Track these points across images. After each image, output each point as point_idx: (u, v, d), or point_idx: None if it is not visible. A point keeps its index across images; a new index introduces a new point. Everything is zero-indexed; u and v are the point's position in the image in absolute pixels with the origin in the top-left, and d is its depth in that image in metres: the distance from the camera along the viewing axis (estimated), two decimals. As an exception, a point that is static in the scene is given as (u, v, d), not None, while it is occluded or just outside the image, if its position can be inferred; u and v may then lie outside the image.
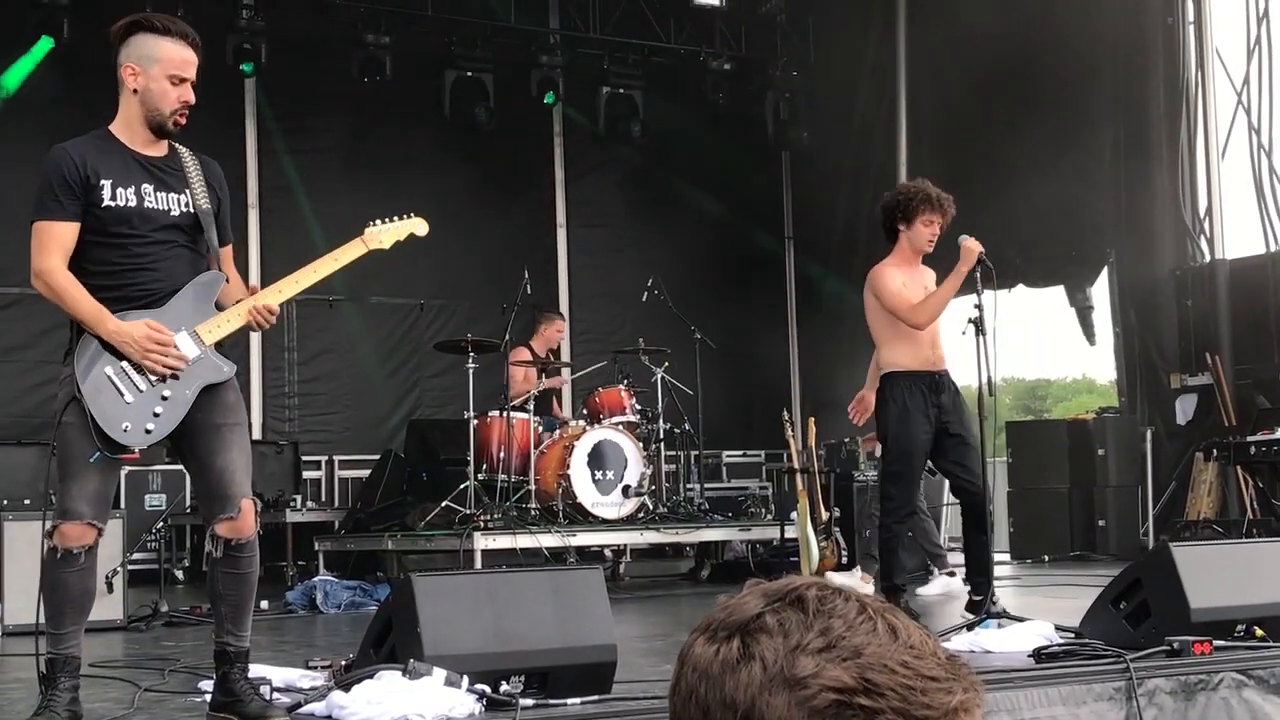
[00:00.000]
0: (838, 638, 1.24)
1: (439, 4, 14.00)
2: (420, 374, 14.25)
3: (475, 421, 10.49)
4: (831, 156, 15.46)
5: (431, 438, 12.03)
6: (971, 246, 6.93)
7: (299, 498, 11.92)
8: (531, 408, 10.65)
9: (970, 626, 6.32)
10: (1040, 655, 5.42)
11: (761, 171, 16.23)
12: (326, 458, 13.78)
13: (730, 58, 15.33)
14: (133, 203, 4.64)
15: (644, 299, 11.88)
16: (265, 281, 13.87)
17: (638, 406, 10.99)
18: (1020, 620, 6.26)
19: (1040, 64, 13.05)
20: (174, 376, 4.61)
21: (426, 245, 15.44)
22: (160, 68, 4.66)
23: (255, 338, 13.57)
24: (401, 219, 5.44)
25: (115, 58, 4.71)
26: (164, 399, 4.60)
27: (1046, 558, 12.22)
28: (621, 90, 15.03)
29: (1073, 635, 5.80)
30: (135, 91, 4.68)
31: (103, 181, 4.60)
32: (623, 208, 15.62)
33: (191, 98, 4.72)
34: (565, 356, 13.77)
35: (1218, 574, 5.72)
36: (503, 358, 10.97)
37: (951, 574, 9.27)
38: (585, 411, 11.02)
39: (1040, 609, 6.96)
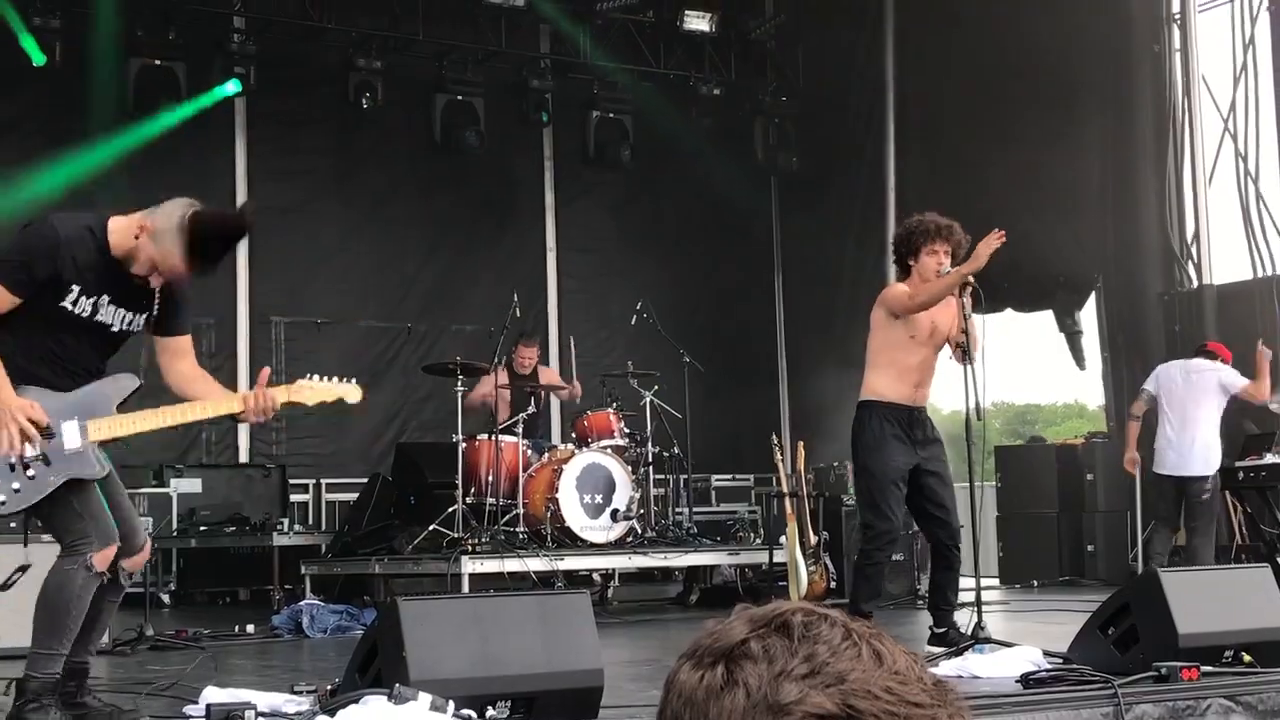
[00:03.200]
0: (822, 664, 1.23)
1: (430, 28, 14.03)
2: (408, 397, 14.21)
3: (463, 445, 10.47)
4: (820, 181, 15.48)
5: (419, 461, 11.99)
6: (983, 251, 6.92)
7: (286, 521, 11.88)
8: (520, 430, 10.65)
9: (959, 651, 6.32)
10: (1028, 681, 5.41)
11: (751, 195, 16.25)
12: (314, 481, 13.74)
13: (720, 83, 15.37)
14: (86, 313, 4.81)
15: (633, 322, 11.88)
16: (253, 310, 13.84)
17: (626, 430, 10.98)
18: (1008, 645, 6.25)
19: (1028, 90, 13.10)
20: (44, 461, 4.76)
21: (416, 268, 15.43)
22: (170, 238, 4.79)
23: (243, 360, 13.56)
24: (336, 381, 5.32)
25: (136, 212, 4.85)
26: (29, 478, 4.78)
27: (1035, 583, 12.21)
28: (611, 115, 15.07)
29: (1061, 660, 5.80)
30: (141, 234, 4.81)
31: (73, 288, 4.77)
32: (612, 231, 15.63)
33: (183, 274, 4.92)
34: (554, 381, 13.72)
35: (1206, 600, 5.72)
36: (482, 378, 10.98)
37: None
38: (574, 435, 11.01)
39: (1029, 634, 6.96)
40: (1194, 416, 9.69)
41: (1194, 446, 9.66)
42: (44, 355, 4.83)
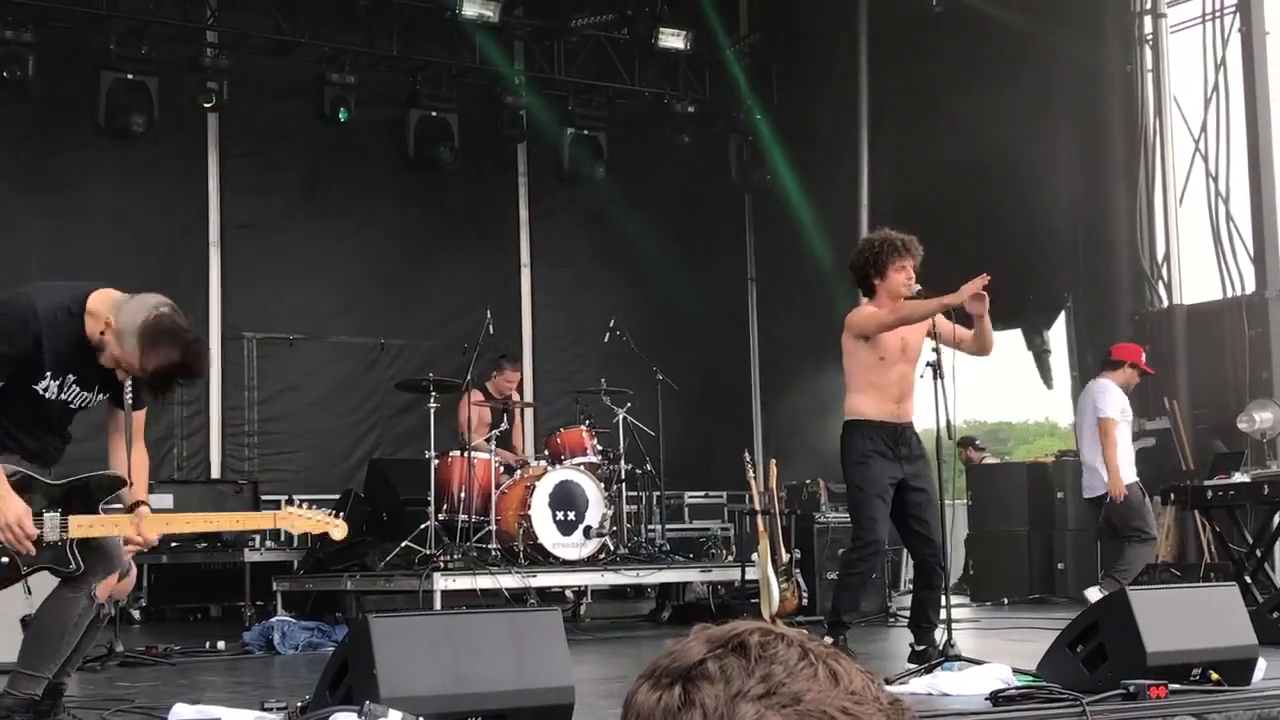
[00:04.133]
0: (778, 684, 1.24)
1: (404, 44, 14.04)
2: (381, 413, 14.20)
3: (436, 461, 10.46)
4: (794, 199, 15.52)
5: (392, 477, 11.98)
6: (967, 289, 6.96)
7: (258, 537, 11.84)
8: (493, 446, 10.65)
9: (929, 669, 6.33)
10: (997, 698, 5.43)
11: (725, 213, 16.30)
12: (286, 497, 13.53)
13: (694, 100, 15.41)
14: (53, 394, 4.81)
15: (606, 339, 11.89)
16: (225, 325, 13.80)
17: (599, 447, 10.98)
18: (978, 663, 6.27)
19: (1000, 108, 13.16)
20: (18, 552, 4.75)
21: (389, 284, 15.41)
22: (132, 344, 4.67)
23: (215, 372, 13.52)
24: (324, 516, 5.30)
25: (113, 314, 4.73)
26: (1, 563, 4.80)
27: (1005, 600, 12.24)
28: (586, 132, 15.09)
29: (1030, 678, 5.81)
30: (106, 333, 4.70)
31: (46, 372, 4.75)
32: (586, 248, 15.64)
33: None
34: (528, 397, 13.73)
35: (1174, 618, 5.75)
36: (462, 398, 10.95)
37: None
38: (547, 452, 11.00)
39: (998, 652, 6.98)
40: (1088, 439, 9.75)
41: (1094, 468, 9.70)
42: (20, 422, 4.85)
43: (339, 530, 5.28)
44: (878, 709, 1.25)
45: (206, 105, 13.12)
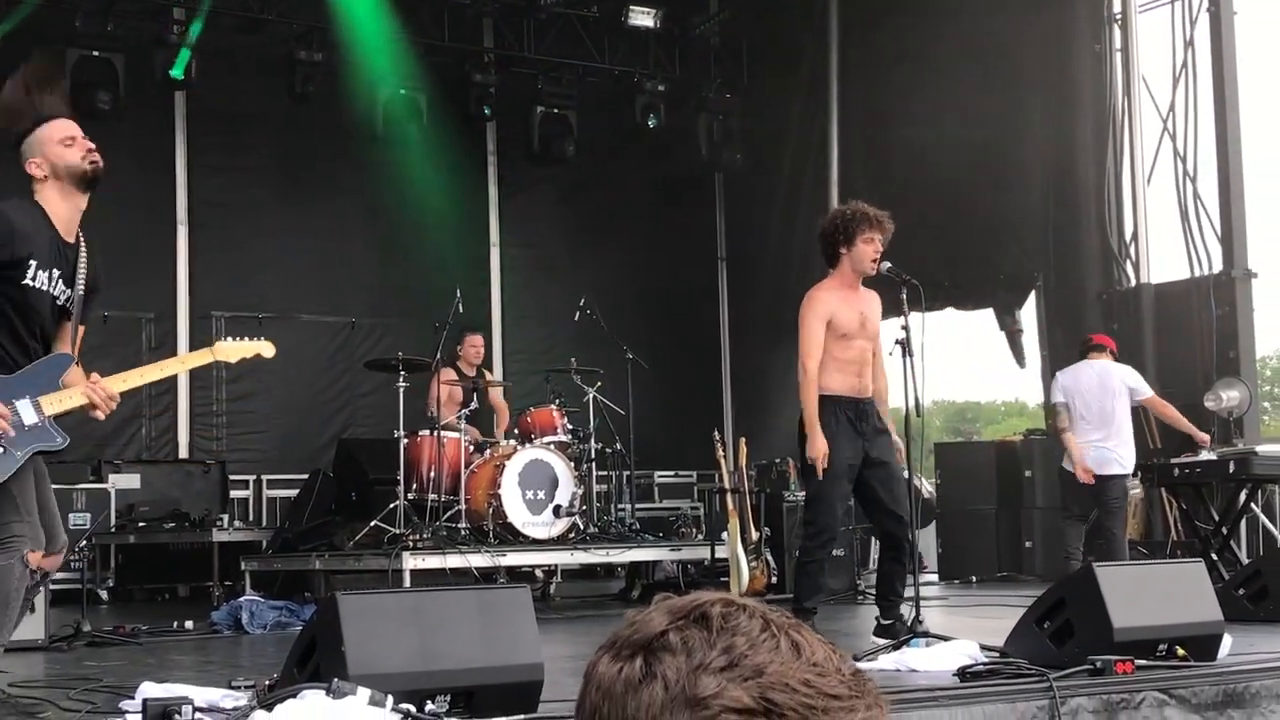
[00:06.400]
0: (740, 656, 1.23)
1: (373, 22, 13.94)
2: (351, 393, 14.16)
3: (405, 441, 10.43)
4: (765, 178, 15.53)
5: (361, 457, 11.95)
6: (897, 439, 7.12)
7: (226, 517, 11.82)
8: (463, 425, 10.62)
9: (897, 646, 6.36)
10: (965, 674, 5.45)
11: (695, 192, 16.28)
12: (254, 477, 13.65)
13: (664, 79, 15.38)
14: (44, 286, 5.01)
15: (576, 319, 11.87)
16: (194, 302, 13.75)
17: (569, 426, 10.98)
18: (946, 639, 6.29)
19: (970, 87, 13.18)
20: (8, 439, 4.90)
21: (359, 263, 15.33)
22: (49, 146, 5.05)
23: (182, 351, 13.44)
24: (251, 339, 5.70)
25: (20, 161, 5.08)
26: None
27: (974, 578, 12.30)
28: (555, 110, 15.03)
29: (997, 654, 5.84)
30: (46, 177, 5.04)
31: (31, 261, 4.95)
32: (556, 227, 15.61)
33: (89, 144, 5.12)
34: (498, 375, 13.71)
35: (1140, 594, 5.78)
36: (433, 376, 10.92)
37: None
38: (516, 431, 10.99)
39: (966, 629, 7.00)
40: (1110, 415, 9.79)
41: (1113, 445, 9.75)
42: (14, 335, 5.00)
43: (268, 349, 5.65)
44: (840, 680, 1.24)
45: (175, 78, 12.98)
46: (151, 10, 13.11)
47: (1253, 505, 10.53)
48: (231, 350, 5.62)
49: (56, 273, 5.06)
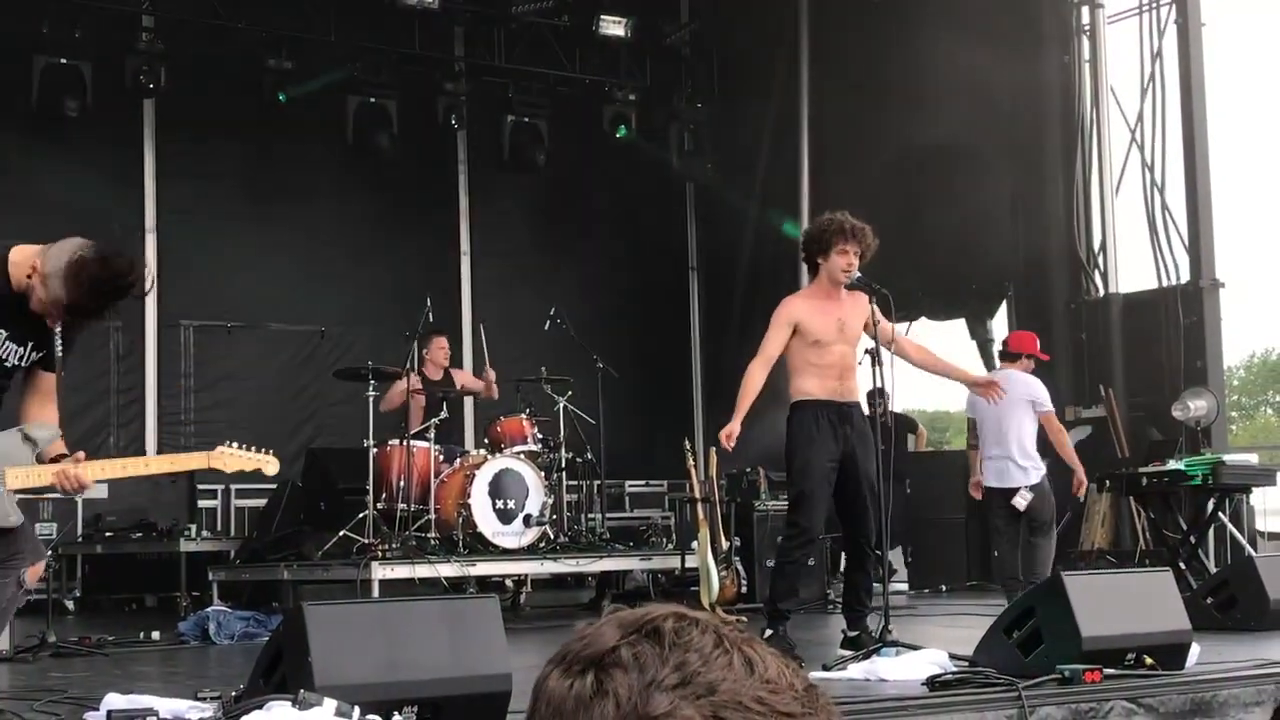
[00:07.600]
0: (693, 673, 1.21)
1: (343, 30, 13.90)
2: (320, 402, 14.08)
3: (375, 450, 10.39)
4: (736, 187, 15.54)
5: (330, 466, 11.88)
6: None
7: (194, 527, 11.74)
8: (432, 436, 10.58)
9: (866, 655, 6.35)
10: (934, 683, 5.45)
11: (666, 201, 16.28)
12: (223, 486, 13.53)
13: (635, 88, 15.37)
14: None
15: (547, 328, 11.85)
16: (162, 311, 13.63)
17: (539, 435, 10.95)
18: (915, 649, 6.29)
19: (940, 98, 13.22)
20: None
21: (328, 272, 15.24)
22: (69, 285, 4.70)
23: (151, 360, 13.39)
24: (256, 452, 5.31)
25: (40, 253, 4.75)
26: None
27: (943, 587, 12.31)
28: (526, 119, 15.00)
29: (967, 664, 5.85)
30: (30, 278, 4.73)
31: None
32: (526, 236, 15.58)
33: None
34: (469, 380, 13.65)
35: (1109, 603, 5.80)
36: (396, 383, 10.89)
37: None
38: (487, 440, 10.96)
39: (935, 638, 7.01)
40: (1007, 429, 9.45)
41: (1017, 457, 9.45)
42: None
43: (271, 466, 5.30)
44: (793, 697, 1.23)
45: (147, 84, 12.91)
46: (120, 18, 13.04)
47: (1220, 514, 10.57)
48: (231, 460, 5.27)
49: (4, 334, 4.81)
